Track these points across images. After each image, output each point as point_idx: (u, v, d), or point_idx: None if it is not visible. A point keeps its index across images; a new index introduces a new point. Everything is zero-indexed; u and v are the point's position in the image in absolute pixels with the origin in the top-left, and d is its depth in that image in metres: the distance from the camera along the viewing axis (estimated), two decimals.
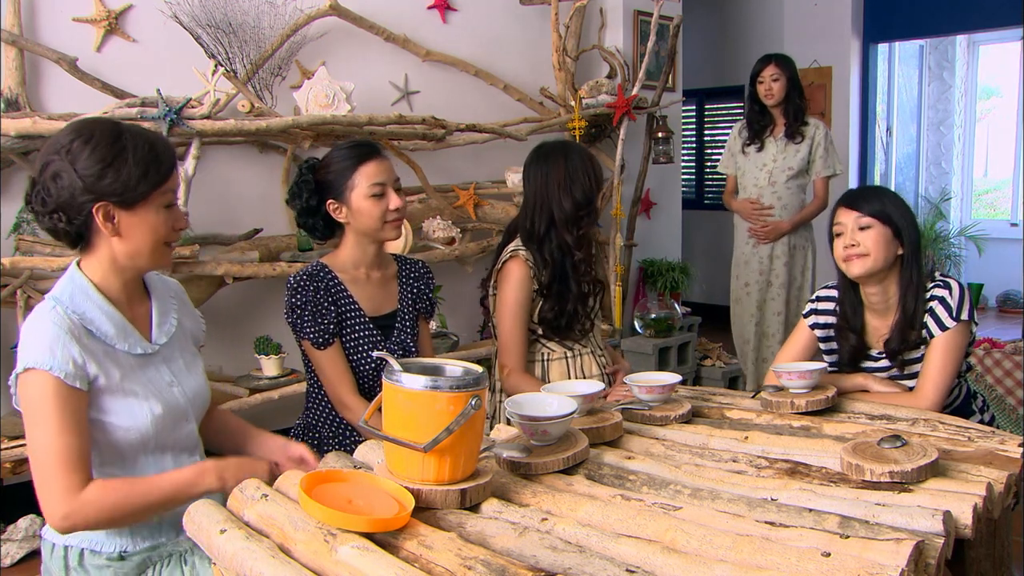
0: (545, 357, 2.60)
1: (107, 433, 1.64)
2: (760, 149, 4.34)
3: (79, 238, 1.67)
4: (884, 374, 2.30)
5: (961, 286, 2.23)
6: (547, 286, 2.52)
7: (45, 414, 1.54)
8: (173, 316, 1.83)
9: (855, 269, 2.24)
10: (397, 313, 2.33)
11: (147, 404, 1.68)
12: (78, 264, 1.70)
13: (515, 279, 2.51)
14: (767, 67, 4.21)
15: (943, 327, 2.18)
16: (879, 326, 2.32)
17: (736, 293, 4.57)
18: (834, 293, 2.40)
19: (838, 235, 2.28)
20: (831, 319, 2.39)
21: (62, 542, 1.69)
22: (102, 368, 1.62)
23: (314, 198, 2.23)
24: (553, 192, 2.52)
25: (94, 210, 1.61)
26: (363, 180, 2.19)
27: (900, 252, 2.24)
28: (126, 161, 1.60)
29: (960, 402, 2.34)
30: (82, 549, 1.69)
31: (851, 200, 2.29)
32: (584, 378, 2.58)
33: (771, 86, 4.20)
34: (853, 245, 2.23)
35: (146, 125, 3.02)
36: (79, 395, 1.57)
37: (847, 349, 2.35)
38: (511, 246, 2.57)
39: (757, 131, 4.34)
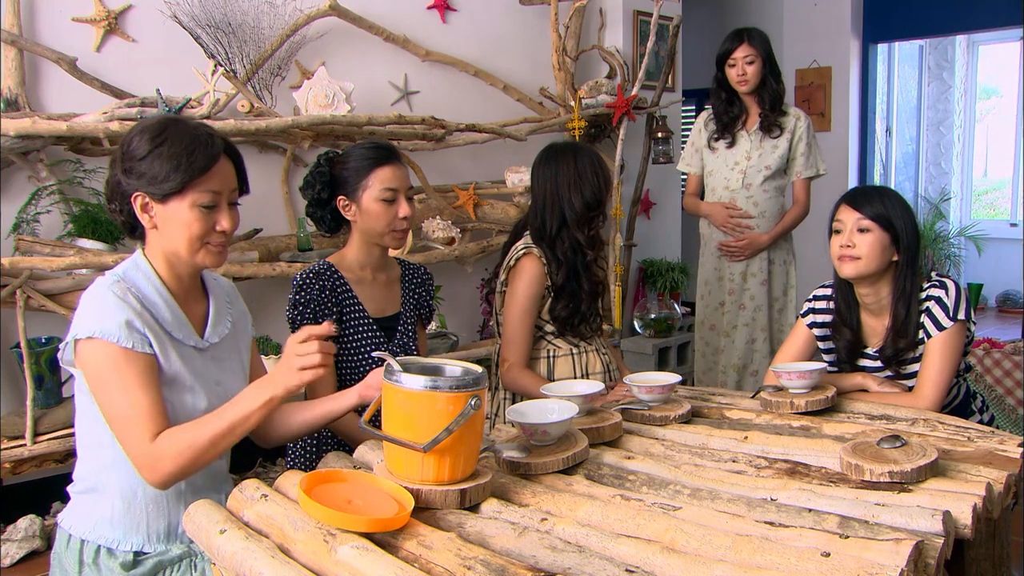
0: (551, 354, 2.62)
1: None
2: (731, 145, 3.70)
3: (133, 229, 1.72)
4: (882, 374, 2.30)
5: (958, 286, 2.23)
6: (560, 285, 2.55)
7: (113, 379, 1.57)
8: (228, 319, 1.84)
9: (846, 270, 2.25)
10: (400, 316, 2.34)
11: (193, 397, 1.70)
12: (142, 251, 1.73)
13: (528, 275, 2.53)
14: (739, 46, 3.57)
15: (940, 327, 2.18)
16: (874, 324, 2.33)
17: (705, 316, 3.87)
18: (830, 291, 2.41)
19: (836, 232, 2.28)
20: (828, 317, 2.39)
21: (79, 535, 1.69)
22: (158, 347, 1.64)
23: (326, 191, 2.24)
24: (563, 192, 2.55)
25: (132, 200, 1.65)
26: (377, 182, 2.20)
27: (895, 258, 2.24)
28: (161, 154, 1.62)
29: (959, 402, 2.34)
30: (99, 546, 1.68)
31: (854, 199, 2.29)
32: (588, 374, 2.60)
33: (744, 69, 3.56)
34: (849, 246, 2.23)
35: None
36: (146, 358, 1.60)
37: (843, 345, 2.35)
38: (522, 243, 2.58)
39: (726, 123, 3.70)
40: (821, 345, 2.42)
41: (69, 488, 1.76)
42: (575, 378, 2.60)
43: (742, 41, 3.57)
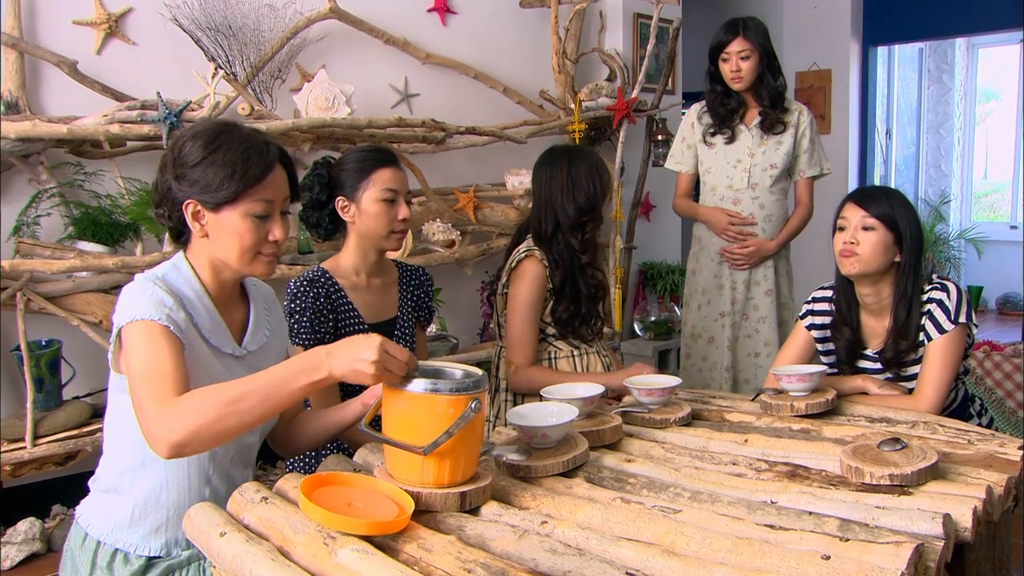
0: (552, 356, 2.62)
1: None
2: (730, 140, 3.34)
3: (180, 234, 1.68)
4: (882, 376, 2.30)
5: (959, 289, 2.23)
6: (559, 287, 2.55)
7: (144, 344, 1.49)
8: (267, 328, 1.80)
9: (847, 267, 2.25)
10: (397, 320, 2.33)
11: None
12: (185, 255, 1.69)
13: (530, 277, 2.53)
14: (733, 39, 3.21)
15: (941, 330, 2.18)
16: (874, 325, 2.33)
17: (697, 327, 3.50)
18: (829, 293, 2.41)
19: (841, 229, 2.29)
20: (827, 319, 2.39)
21: (96, 535, 1.66)
22: (191, 349, 1.59)
23: (324, 192, 2.23)
24: (557, 196, 2.56)
25: (183, 207, 1.61)
26: (377, 183, 2.20)
27: (898, 259, 2.24)
28: (215, 162, 1.58)
29: (957, 405, 2.34)
30: (115, 550, 1.65)
31: (861, 197, 2.29)
32: None
33: (739, 65, 3.21)
34: (852, 243, 2.24)
35: (146, 128, 3.03)
36: (179, 342, 1.53)
37: (843, 345, 2.35)
38: (524, 245, 2.59)
39: (723, 117, 3.34)
40: (820, 347, 2.42)
41: (90, 482, 1.72)
42: None
43: (737, 34, 3.20)
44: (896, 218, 2.23)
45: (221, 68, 3.41)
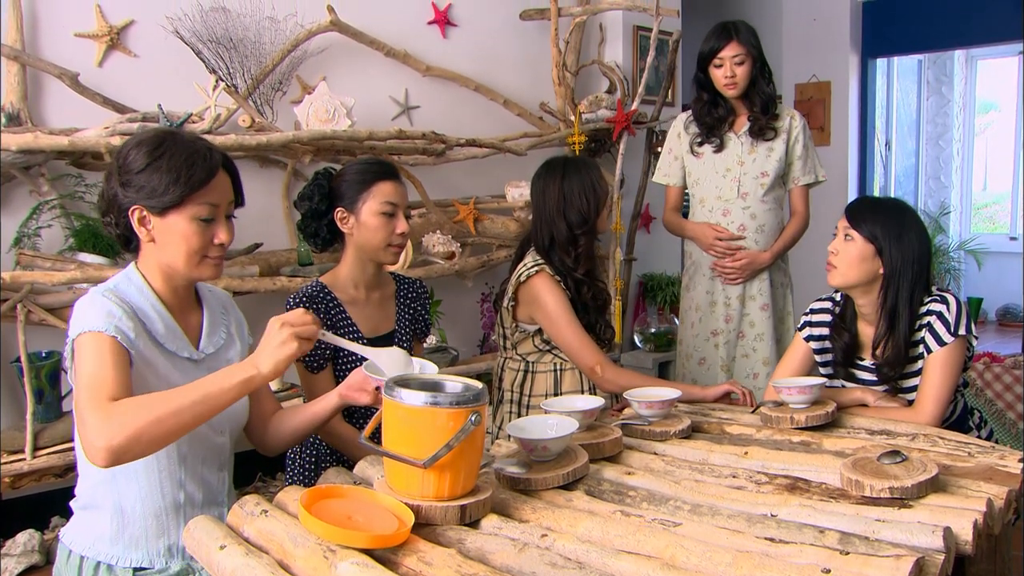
0: (557, 367, 2.62)
1: None
2: (719, 149, 3.20)
3: (128, 242, 1.71)
4: (880, 388, 2.30)
5: (959, 301, 2.23)
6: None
7: (87, 354, 1.54)
8: (223, 329, 1.83)
9: (828, 278, 2.27)
10: (395, 333, 2.33)
11: None
12: (136, 264, 1.72)
13: (551, 289, 2.53)
14: (727, 44, 3.07)
15: (941, 342, 2.18)
16: (869, 334, 2.33)
17: (689, 347, 3.34)
18: (828, 304, 2.41)
19: (833, 236, 2.30)
20: (826, 331, 2.39)
21: (79, 551, 1.68)
22: (144, 357, 1.63)
23: (324, 203, 2.23)
24: (550, 212, 2.57)
25: (130, 213, 1.64)
26: (378, 196, 2.20)
27: (881, 271, 2.23)
28: (160, 167, 1.62)
29: (956, 417, 2.34)
30: (98, 562, 1.67)
31: (852, 207, 2.30)
32: (596, 388, 2.60)
33: (733, 71, 3.08)
34: (833, 253, 2.26)
35: None
36: (124, 352, 1.57)
37: (840, 347, 2.35)
38: (530, 260, 2.58)
39: (711, 126, 3.21)
40: (818, 359, 2.42)
41: (72, 503, 1.76)
42: (581, 390, 2.60)
43: (730, 38, 3.07)
44: (875, 231, 2.21)
45: (222, 80, 3.42)
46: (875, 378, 2.31)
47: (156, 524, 1.69)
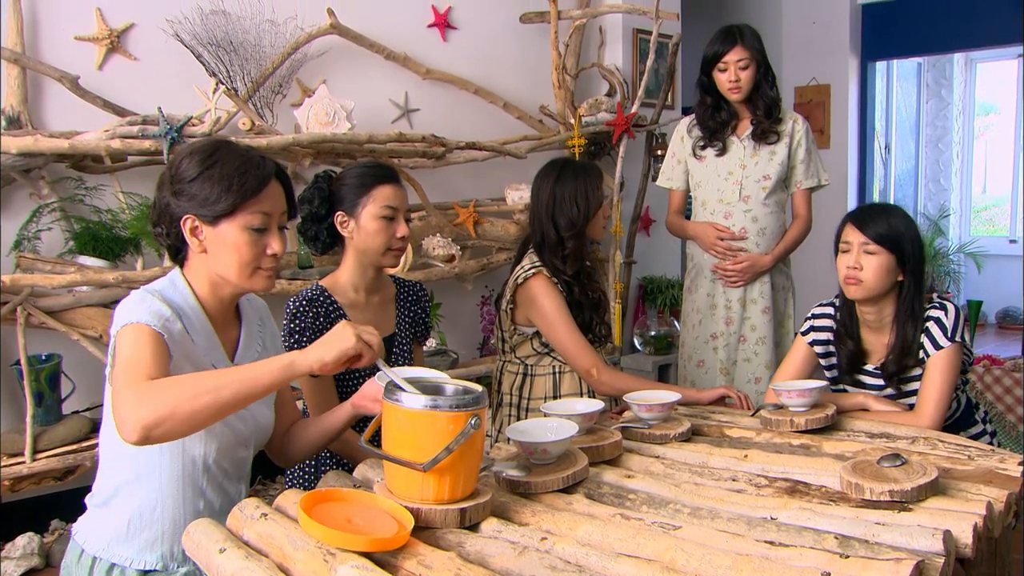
0: (556, 370, 2.62)
1: None
2: (721, 152, 3.21)
3: (177, 252, 1.69)
4: (882, 393, 2.30)
5: (957, 309, 2.24)
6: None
7: (128, 343, 1.51)
8: (258, 343, 1.81)
9: (852, 293, 2.25)
10: (395, 337, 2.33)
11: (219, 421, 1.64)
12: (181, 271, 1.70)
13: (548, 291, 2.53)
14: (732, 48, 3.08)
15: (938, 346, 2.19)
16: (874, 341, 2.33)
17: (689, 349, 3.35)
18: (830, 310, 2.41)
19: (844, 252, 2.28)
20: (829, 335, 2.39)
21: (92, 551, 1.66)
22: (181, 360, 1.59)
23: (324, 206, 2.23)
24: (541, 211, 2.59)
25: (182, 223, 1.62)
26: (378, 199, 2.20)
27: (900, 279, 2.24)
28: (212, 176, 1.60)
29: (961, 413, 2.35)
30: (111, 564, 1.65)
31: (861, 219, 2.27)
32: (594, 391, 2.60)
33: (738, 75, 3.09)
34: (856, 268, 2.23)
35: (147, 143, 3.04)
36: (165, 346, 1.54)
37: (845, 355, 2.35)
38: (527, 262, 2.59)
39: (714, 129, 3.22)
40: (823, 362, 2.42)
41: (87, 499, 1.73)
42: (580, 393, 2.60)
43: (735, 42, 3.07)
44: (898, 239, 2.21)
45: (222, 83, 3.42)
46: (880, 382, 2.31)
47: (172, 529, 1.67)
